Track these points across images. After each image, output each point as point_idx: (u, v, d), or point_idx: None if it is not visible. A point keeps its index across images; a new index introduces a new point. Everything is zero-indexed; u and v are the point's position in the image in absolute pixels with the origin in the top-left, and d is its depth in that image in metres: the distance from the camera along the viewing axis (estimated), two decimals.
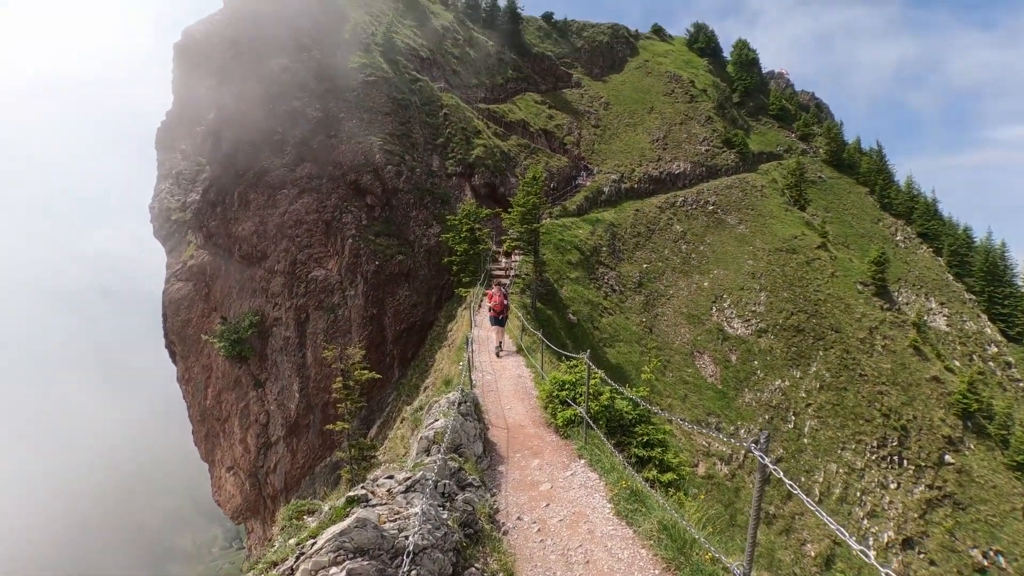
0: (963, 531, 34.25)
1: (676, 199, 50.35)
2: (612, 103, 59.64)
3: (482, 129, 41.14)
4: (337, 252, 32.17)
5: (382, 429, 26.92)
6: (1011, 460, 38.48)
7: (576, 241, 38.43)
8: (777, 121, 73.13)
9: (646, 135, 56.51)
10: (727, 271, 44.91)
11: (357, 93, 35.37)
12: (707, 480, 29.34)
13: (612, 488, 6.89)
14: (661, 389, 32.28)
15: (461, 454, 6.89)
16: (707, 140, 58.76)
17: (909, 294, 51.67)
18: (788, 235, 50.10)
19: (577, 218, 42.28)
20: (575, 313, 31.69)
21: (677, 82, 64.22)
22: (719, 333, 39.77)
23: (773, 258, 47.14)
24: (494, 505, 6.23)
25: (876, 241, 56.38)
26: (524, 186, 28.58)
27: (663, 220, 47.33)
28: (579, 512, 6.36)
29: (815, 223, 54.08)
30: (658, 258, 43.55)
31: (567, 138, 51.89)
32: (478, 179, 37.45)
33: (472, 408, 8.50)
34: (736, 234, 49.55)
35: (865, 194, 65.73)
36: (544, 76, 58.36)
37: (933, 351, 45.27)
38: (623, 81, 64.46)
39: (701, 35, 77.97)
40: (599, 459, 7.94)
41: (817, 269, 47.53)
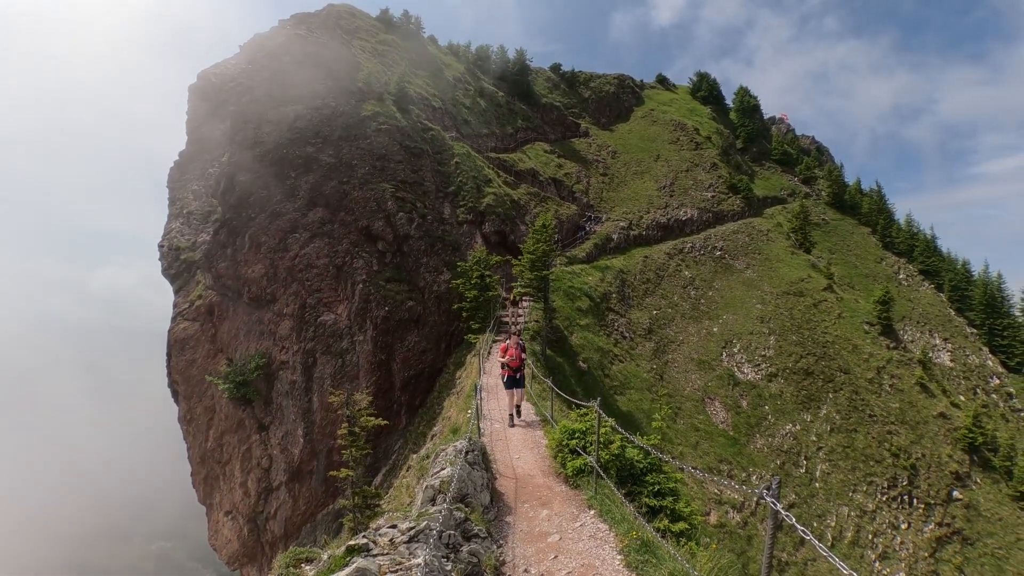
0: (971, 566, 33.94)
1: (684, 245, 50.78)
2: (619, 151, 60.88)
3: (492, 177, 42.01)
4: (347, 297, 32.47)
5: (387, 477, 26.60)
6: (1015, 491, 38.29)
7: (586, 288, 38.61)
8: (780, 165, 74.21)
9: (653, 182, 57.38)
10: (736, 316, 44.88)
11: (370, 141, 36.35)
12: (719, 529, 28.70)
13: (622, 539, 6.82)
14: (672, 436, 31.88)
15: (468, 504, 6.89)
16: (713, 186, 59.52)
17: (914, 331, 51.45)
18: (795, 278, 50.18)
19: (587, 265, 42.63)
20: (585, 360, 31.57)
21: (682, 130, 65.57)
22: (730, 378, 39.44)
23: (781, 301, 47.10)
24: (501, 557, 6.19)
25: (880, 280, 56.45)
26: (534, 233, 29.00)
27: (672, 266, 47.61)
28: (588, 564, 6.31)
29: (820, 265, 54.25)
30: (668, 304, 43.63)
31: (576, 186, 52.80)
32: (488, 226, 38.01)
33: (479, 457, 8.51)
34: (744, 279, 49.66)
35: (867, 234, 66.13)
36: (553, 126, 59.92)
37: (939, 387, 44.93)
38: (630, 130, 65.96)
39: (704, 83, 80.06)
40: (609, 509, 7.88)
41: (824, 311, 47.42)
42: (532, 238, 28.76)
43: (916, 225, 67.68)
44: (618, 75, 72.83)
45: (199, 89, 39.34)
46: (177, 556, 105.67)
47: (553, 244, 31.09)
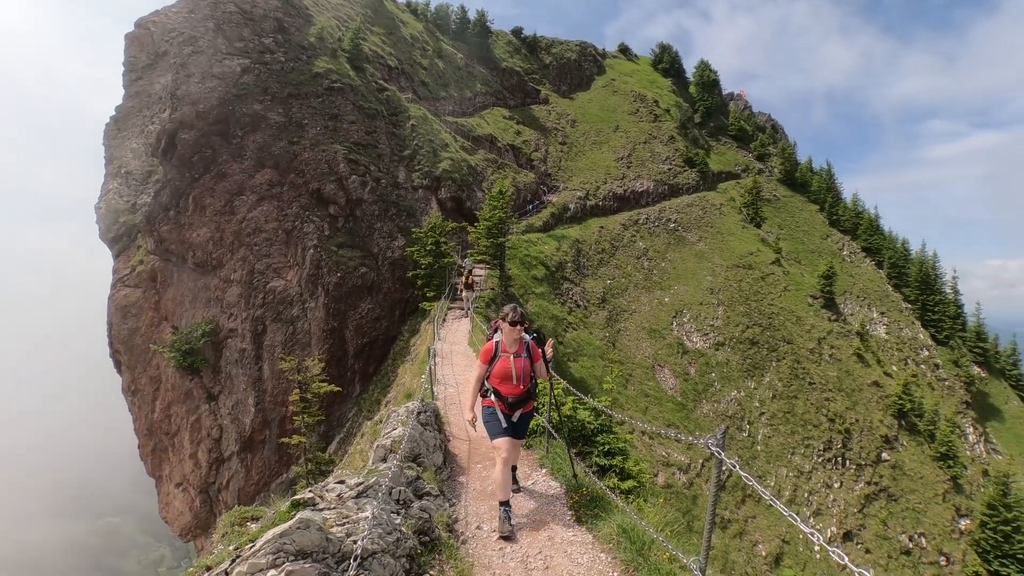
0: (894, 520, 37.09)
1: (639, 217, 51.42)
2: (579, 120, 60.63)
3: (450, 142, 41.24)
4: (297, 263, 31.59)
5: (342, 445, 26.38)
6: (936, 452, 41.72)
7: (542, 257, 38.78)
8: (735, 141, 75.47)
9: (611, 153, 57.53)
10: (687, 287, 46.05)
11: (322, 99, 34.98)
12: (667, 489, 29.91)
13: (573, 495, 6.89)
14: (623, 402, 32.73)
15: (420, 464, 6.81)
16: (669, 159, 60.14)
17: (854, 305, 54.00)
18: (744, 251, 51.70)
19: (543, 234, 42.77)
20: (540, 328, 31.85)
21: (642, 101, 65.70)
22: (679, 347, 40.63)
23: (730, 274, 48.53)
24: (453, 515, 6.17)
25: (825, 256, 58.79)
26: (491, 200, 28.73)
27: (627, 237, 48.26)
28: (540, 520, 6.35)
29: (770, 240, 56.01)
30: (621, 274, 44.35)
31: (534, 154, 52.43)
32: (445, 192, 37.43)
33: (432, 419, 8.42)
34: (696, 251, 50.82)
35: (816, 211, 68.51)
36: (513, 91, 59.02)
37: (874, 358, 47.86)
38: (590, 99, 65.65)
39: (665, 56, 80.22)
40: (560, 468, 7.94)
41: (771, 284, 49.24)
42: (489, 205, 28.54)
43: (861, 204, 70.69)
44: (580, 42, 72.12)
45: (137, 39, 36.94)
46: (127, 531, 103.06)
47: (510, 212, 30.80)
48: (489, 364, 6.02)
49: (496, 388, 5.95)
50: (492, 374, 5.98)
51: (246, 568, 3.04)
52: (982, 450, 46.19)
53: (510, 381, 5.90)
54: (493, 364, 5.98)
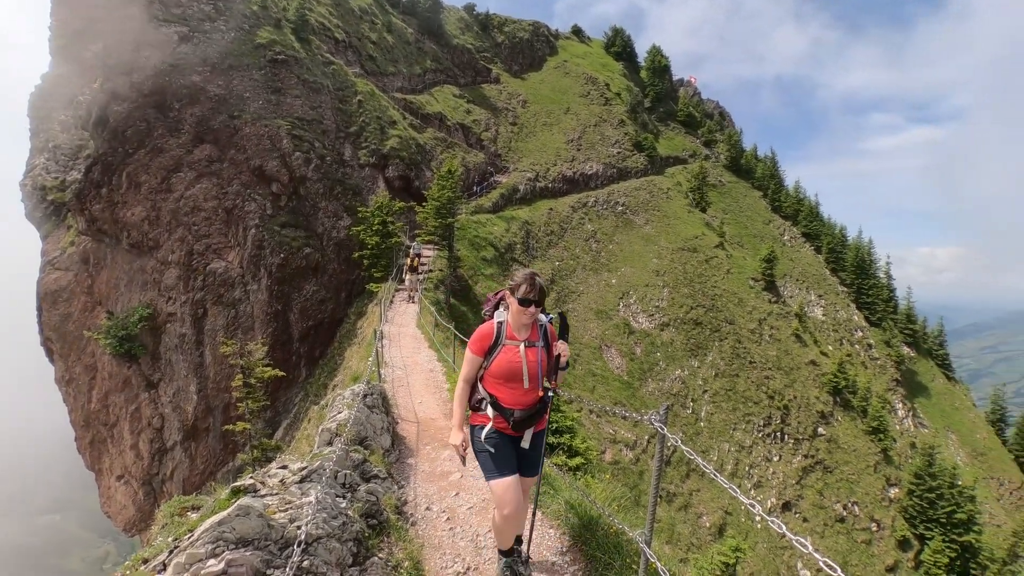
0: (829, 490, 39.30)
1: (588, 199, 51.96)
2: (530, 101, 60.36)
3: (398, 119, 40.37)
4: (239, 243, 30.45)
5: (289, 431, 25.85)
6: (868, 426, 44.30)
7: (491, 238, 38.76)
8: (684, 127, 76.82)
9: (562, 135, 57.67)
10: (634, 269, 47.05)
11: (265, 72, 33.51)
12: (614, 465, 30.77)
13: None
14: (571, 381, 33.38)
15: (367, 447, 6.72)
16: (619, 143, 60.75)
17: (793, 288, 56.26)
18: (690, 235, 53.05)
19: (493, 215, 42.64)
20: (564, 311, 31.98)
21: (593, 84, 65.94)
22: (626, 327, 41.57)
23: (676, 256, 49.77)
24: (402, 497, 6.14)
25: (766, 240, 60.75)
26: (440, 180, 28.36)
27: (575, 219, 48.75)
28: (488, 499, 6.40)
29: (714, 224, 57.59)
30: (570, 256, 44.89)
31: (484, 134, 51.97)
32: (392, 171, 36.70)
33: (379, 401, 8.31)
34: (643, 234, 51.84)
35: (759, 197, 70.69)
36: (464, 69, 58.13)
37: (811, 338, 50.14)
38: (542, 80, 65.41)
39: (618, 39, 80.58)
40: None
41: (715, 266, 50.81)
42: (437, 184, 28.17)
43: (803, 191, 73.09)
44: (533, 22, 71.51)
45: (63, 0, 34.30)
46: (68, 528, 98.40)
47: (459, 192, 30.49)
48: (486, 357, 3.94)
49: (495, 396, 3.91)
50: (490, 372, 3.92)
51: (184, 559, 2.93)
52: (910, 424, 49.19)
53: (519, 384, 3.87)
54: (492, 357, 3.91)
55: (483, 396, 3.98)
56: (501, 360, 3.88)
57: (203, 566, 2.87)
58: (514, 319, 3.90)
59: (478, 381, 4.02)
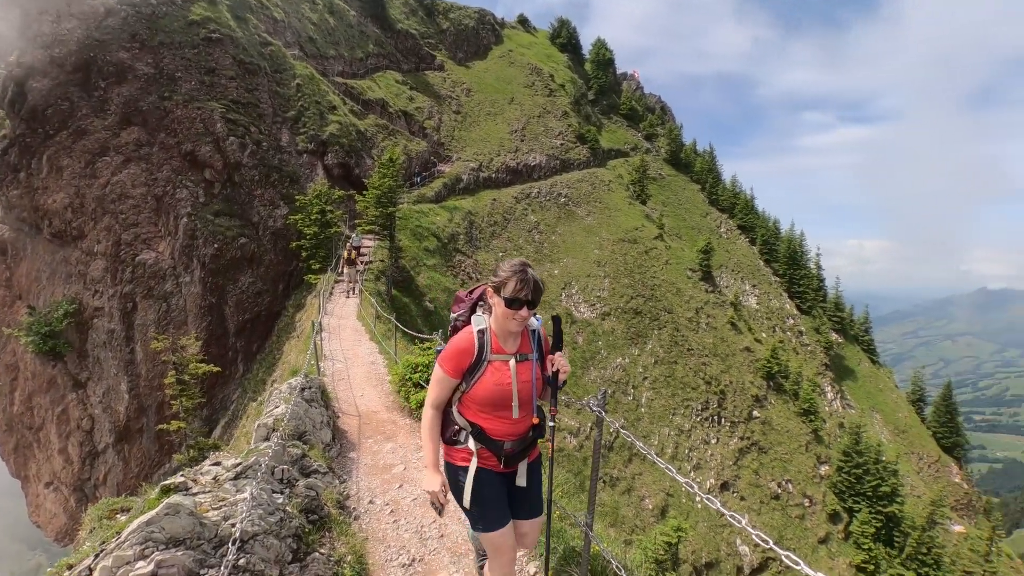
0: (764, 470, 41.31)
1: (531, 190, 52.33)
2: (474, 90, 59.92)
3: (338, 105, 39.26)
4: (170, 233, 29.05)
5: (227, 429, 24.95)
6: (799, 408, 46.80)
7: (434, 228, 38.48)
8: (626, 120, 78.05)
9: (506, 125, 57.62)
10: (576, 260, 47.85)
11: (198, 51, 31.76)
12: (558, 452, 31.33)
13: None
14: None
15: (306, 441, 6.62)
16: (562, 134, 61.25)
17: (729, 278, 58.49)
18: (630, 227, 54.26)
19: (435, 205, 42.27)
20: (432, 300, 31.65)
21: (538, 75, 66.09)
22: (568, 317, 42.34)
23: (616, 248, 50.84)
24: (344, 491, 6.10)
25: (704, 233, 62.74)
26: (381, 168, 27.80)
27: (519, 210, 49.06)
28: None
29: (654, 216, 58.96)
30: (513, 247, 45.21)
31: (427, 122, 51.27)
32: (331, 158, 35.74)
33: (318, 394, 8.18)
34: (584, 225, 52.69)
35: (697, 191, 72.79)
36: (407, 55, 57.00)
37: (746, 325, 52.32)
38: (486, 69, 64.99)
39: (564, 30, 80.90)
40: None
41: (654, 257, 52.20)
42: (378, 173, 27.59)
43: (739, 186, 75.70)
44: (479, 10, 70.73)
45: None
46: None
47: (401, 181, 29.99)
48: (465, 378, 2.96)
49: (481, 427, 2.98)
50: (472, 398, 2.96)
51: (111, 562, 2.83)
52: (838, 406, 52.27)
53: (507, 411, 2.96)
54: (474, 378, 2.94)
55: (461, 427, 2.99)
56: (486, 382, 2.89)
57: (131, 568, 2.79)
58: (500, 326, 2.92)
59: (452, 407, 3.02)
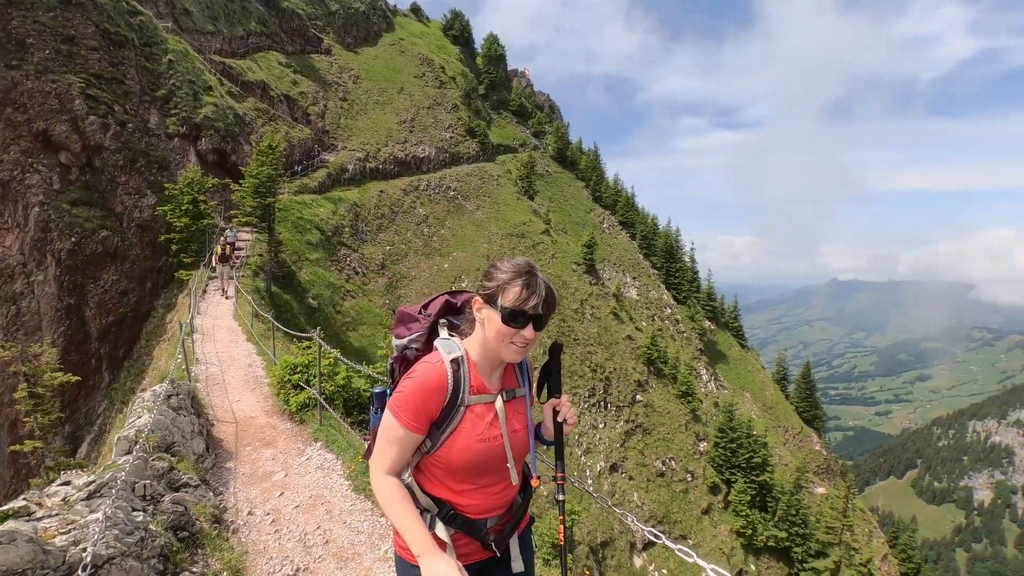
0: (649, 449, 44.27)
1: (420, 183, 51.96)
2: (363, 77, 58.18)
3: (214, 85, 36.49)
4: (18, 224, 25.61)
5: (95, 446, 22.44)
6: (678, 391, 50.73)
7: (317, 220, 37.08)
8: (516, 116, 79.55)
9: (394, 115, 56.60)
10: (465, 253, 48.29)
11: (54, 15, 27.97)
12: None
13: (350, 465, 6.95)
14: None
15: (174, 453, 6.22)
16: (452, 127, 61.18)
17: (611, 271, 61.59)
18: (518, 221, 55.54)
19: (318, 196, 40.74)
20: (315, 297, 30.53)
21: (429, 66, 65.39)
22: None
23: (505, 242, 51.88)
24: (220, 504, 5.84)
25: (588, 228, 65.47)
26: (259, 155, 26.25)
27: (407, 203, 48.58)
28: (316, 494, 6.35)
29: (541, 211, 60.80)
30: (401, 240, 44.72)
31: (311, 108, 49.10)
32: (206, 143, 33.24)
33: (187, 401, 7.67)
34: (474, 219, 53.26)
35: (582, 188, 76.00)
36: (292, 36, 53.96)
37: (627, 315, 55.52)
38: (376, 56, 63.25)
39: (457, 23, 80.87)
40: (336, 439, 7.95)
41: (541, 251, 53.83)
42: (257, 160, 26.04)
43: (621, 184, 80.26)
44: None
45: None
46: None
47: (281, 169, 28.49)
48: (433, 434, 1.99)
49: (454, 505, 2.05)
50: (444, 462, 2.00)
51: None
52: (713, 387, 57.25)
53: (496, 476, 2.08)
54: (445, 432, 1.97)
55: (425, 507, 2.02)
56: (465, 438, 1.95)
57: None
58: (486, 353, 2.00)
59: (410, 474, 2.04)
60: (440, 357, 1.97)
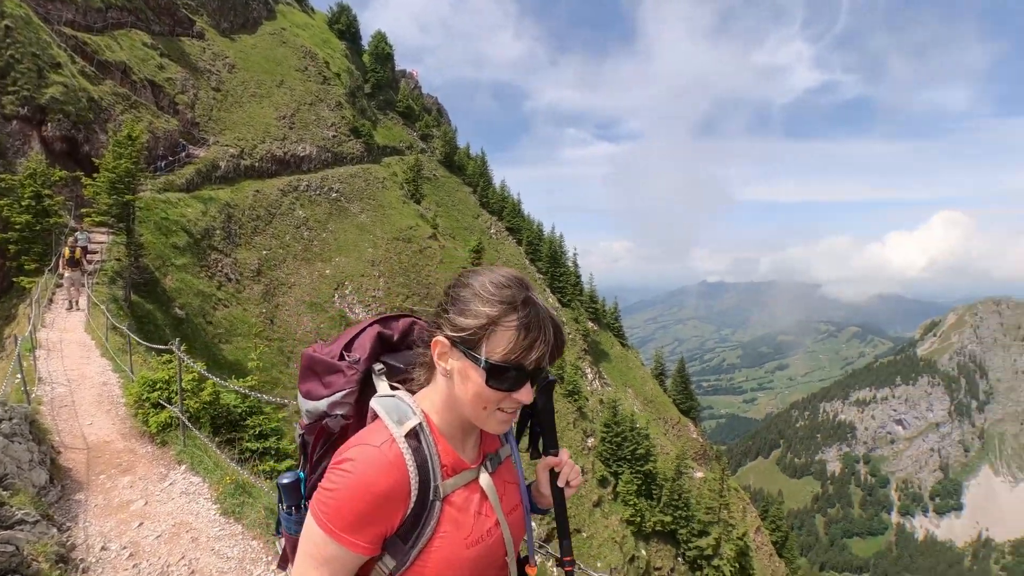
0: None
1: (300, 183, 49.88)
2: (239, 67, 54.64)
3: (64, 62, 32.54)
4: None
5: None
6: (565, 390, 52.24)
7: (184, 222, 34.22)
8: (403, 118, 78.57)
9: (273, 110, 53.84)
10: (348, 258, 47.03)
11: None
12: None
13: (217, 488, 6.74)
14: (286, 381, 32.06)
15: (7, 487, 5.72)
16: (336, 126, 59.39)
17: None
18: (404, 226, 54.91)
19: (186, 194, 37.55)
20: (183, 307, 28.35)
21: (313, 60, 62.91)
22: (342, 319, 41.45)
23: (391, 246, 51.19)
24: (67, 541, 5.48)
25: (475, 233, 66.53)
26: (117, 146, 23.79)
27: (285, 204, 46.46)
28: (181, 521, 6.14)
29: (428, 216, 60.62)
30: (279, 244, 42.69)
31: (180, 97, 45.37)
32: (53, 129, 29.63)
33: (24, 427, 6.95)
34: (358, 223, 52.01)
35: (469, 193, 76.69)
36: (159, 14, 49.13)
37: None
38: (254, 45, 59.63)
39: (344, 17, 78.12)
40: (202, 460, 7.64)
41: (428, 256, 53.57)
42: (114, 152, 23.57)
43: (508, 190, 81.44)
44: None
45: None
46: None
47: (143, 163, 26.19)
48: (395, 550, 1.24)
49: None
50: None
51: None
52: (598, 385, 59.76)
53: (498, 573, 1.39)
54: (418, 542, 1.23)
55: None
56: (450, 545, 1.28)
57: None
58: (458, 417, 1.35)
59: None
60: (387, 432, 1.24)
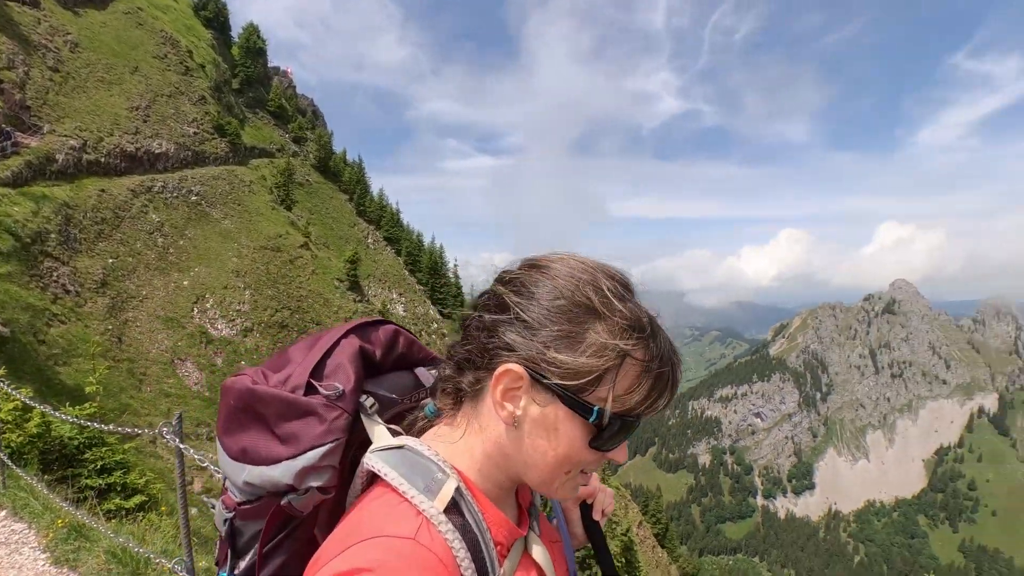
0: None
1: (154, 183, 45.24)
2: (84, 46, 48.67)
3: None
4: None
5: None
6: None
7: (9, 222, 29.94)
8: (274, 118, 74.98)
9: (124, 99, 48.68)
10: (210, 269, 43.38)
11: None
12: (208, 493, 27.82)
13: (47, 533, 6.06)
14: (138, 407, 28.96)
15: None
16: (198, 122, 55.10)
17: (376, 287, 61.47)
18: (273, 233, 51.99)
19: (12, 190, 32.92)
20: (8, 323, 24.72)
21: (174, 47, 57.80)
22: (202, 336, 38.13)
23: (258, 256, 48.07)
24: None
25: (352, 242, 64.63)
26: None
27: (136, 206, 41.83)
28: None
29: (300, 223, 58.05)
30: (128, 252, 38.22)
31: (6, 73, 39.58)
32: None
33: None
34: (221, 229, 48.26)
35: (345, 200, 74.61)
36: None
37: None
38: (104, 23, 53.48)
39: (212, 4, 72.88)
40: (27, 504, 6.77)
41: (300, 267, 51.02)
42: None
43: (386, 199, 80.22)
44: None
45: None
46: None
47: None
48: None
49: None
50: None
51: None
52: None
53: None
54: None
55: None
56: None
57: None
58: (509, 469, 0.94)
59: None
60: (413, 510, 0.78)
